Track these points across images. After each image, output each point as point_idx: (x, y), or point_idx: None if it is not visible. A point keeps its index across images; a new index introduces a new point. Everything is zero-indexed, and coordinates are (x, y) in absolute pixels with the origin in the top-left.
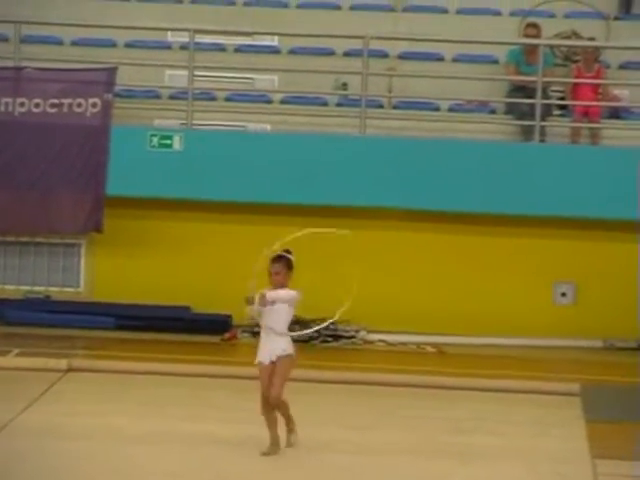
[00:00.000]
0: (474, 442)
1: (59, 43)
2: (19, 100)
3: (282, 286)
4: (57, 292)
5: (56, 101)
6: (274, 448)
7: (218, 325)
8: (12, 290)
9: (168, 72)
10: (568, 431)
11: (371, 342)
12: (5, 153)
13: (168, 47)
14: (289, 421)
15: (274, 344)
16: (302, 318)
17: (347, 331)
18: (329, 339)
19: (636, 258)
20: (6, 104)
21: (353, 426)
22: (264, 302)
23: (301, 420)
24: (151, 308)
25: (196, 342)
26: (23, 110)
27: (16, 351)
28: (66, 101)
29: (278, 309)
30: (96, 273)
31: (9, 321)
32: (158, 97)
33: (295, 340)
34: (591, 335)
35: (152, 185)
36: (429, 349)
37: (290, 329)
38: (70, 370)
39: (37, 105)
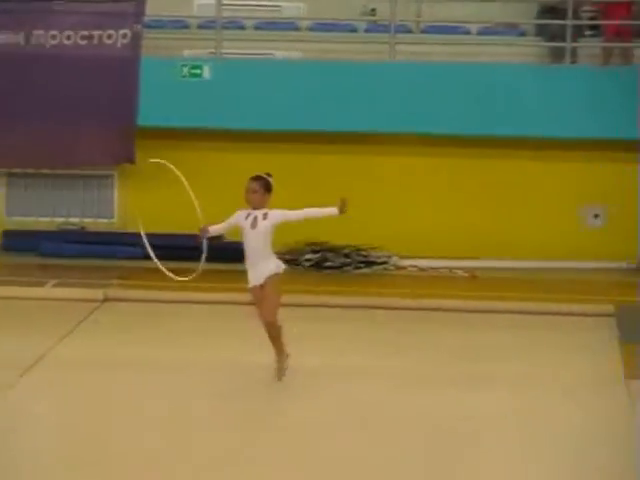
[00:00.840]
0: (507, 368)
1: None
2: (51, 32)
3: (259, 206)
4: (91, 223)
5: (86, 33)
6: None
7: (240, 253)
8: (47, 222)
9: (197, 2)
10: (602, 353)
11: (403, 268)
12: (37, 86)
13: None
14: (279, 351)
15: (261, 267)
16: (334, 245)
17: (379, 257)
18: (361, 265)
19: None
20: (37, 36)
21: (376, 354)
22: (202, 234)
23: (325, 347)
24: (182, 237)
25: (223, 270)
26: (55, 42)
27: (52, 282)
28: (96, 33)
29: (259, 232)
30: (130, 203)
31: (44, 253)
32: (187, 27)
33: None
34: (622, 257)
35: (183, 115)
36: (461, 274)
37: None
38: (106, 300)
39: (68, 37)
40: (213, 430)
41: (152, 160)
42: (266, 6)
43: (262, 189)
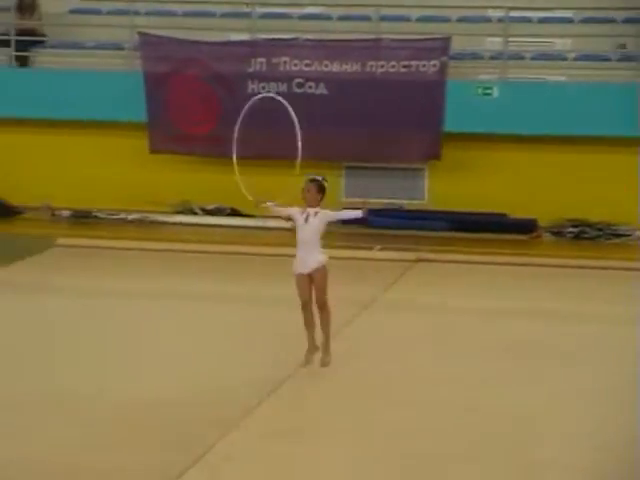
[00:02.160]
0: None
1: (367, 19)
2: (379, 63)
3: (312, 205)
4: (408, 203)
5: (406, 63)
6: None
7: (527, 227)
8: (375, 202)
9: (488, 39)
10: None
11: None
12: (366, 101)
13: (488, 20)
14: (327, 337)
15: (310, 258)
16: (590, 220)
17: (625, 230)
18: (611, 237)
19: None
20: (370, 66)
21: None
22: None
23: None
24: (476, 215)
25: (510, 240)
26: (382, 70)
27: (378, 247)
28: (414, 63)
29: (310, 227)
30: (436, 189)
31: (373, 225)
32: (481, 58)
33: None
34: None
35: (477, 123)
36: None
37: None
38: (418, 260)
39: (393, 67)
40: None
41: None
42: (541, 42)
43: (314, 190)
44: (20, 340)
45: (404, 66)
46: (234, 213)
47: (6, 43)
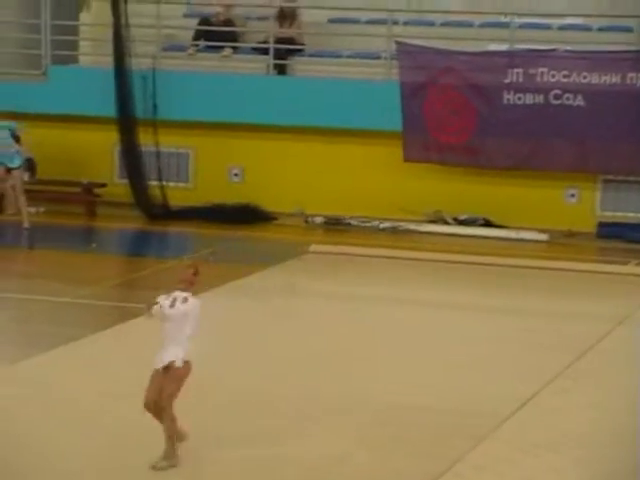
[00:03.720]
0: None
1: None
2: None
3: (191, 289)
4: None
5: None
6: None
7: None
8: (633, 216)
9: None
10: None
11: None
12: (625, 113)
13: None
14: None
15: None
16: None
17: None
18: None
19: None
20: (630, 78)
21: None
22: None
23: None
24: None
25: None
26: None
27: (635, 262)
28: None
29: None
30: None
31: (630, 240)
32: None
33: None
34: None
35: None
36: None
37: None
38: None
39: None
40: None
41: None
42: None
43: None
44: (276, 342)
45: None
46: (487, 224)
47: (265, 51)
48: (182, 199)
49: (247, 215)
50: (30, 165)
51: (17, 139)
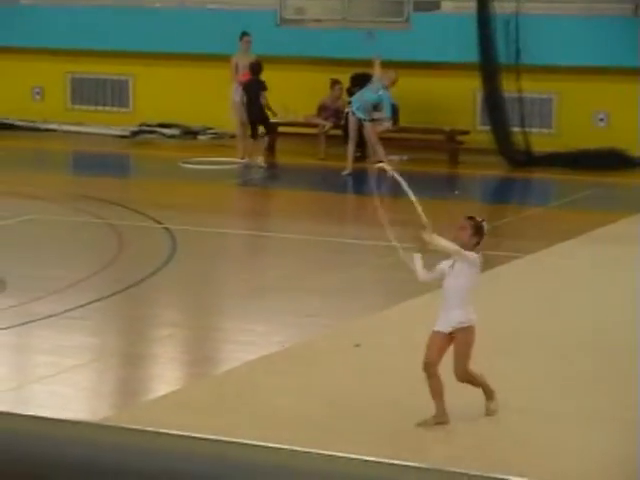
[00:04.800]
0: None
1: None
2: None
3: (463, 246)
4: None
5: None
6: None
7: None
8: None
9: None
10: None
11: None
12: None
13: None
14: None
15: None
16: None
17: None
18: None
19: None
20: None
21: None
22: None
23: None
24: None
25: None
26: None
27: None
28: None
29: (456, 271)
30: None
31: None
32: None
33: None
34: None
35: None
36: None
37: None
38: None
39: None
40: None
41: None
42: None
43: (470, 229)
44: None
45: None
46: None
47: None
48: (545, 145)
49: (612, 161)
50: (393, 113)
51: None
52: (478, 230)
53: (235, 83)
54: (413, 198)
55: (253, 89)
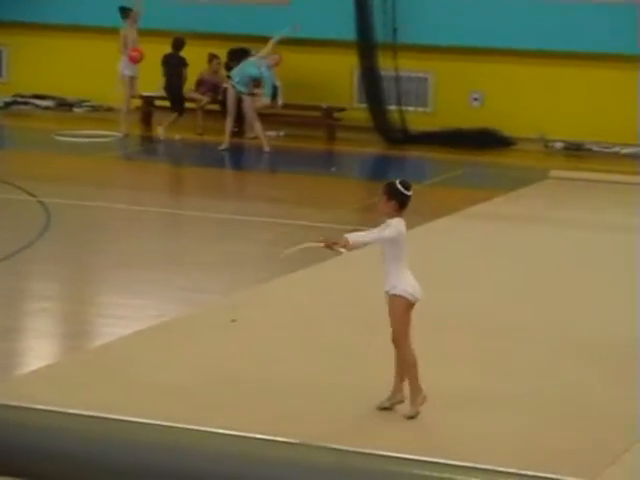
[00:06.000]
0: None
1: None
2: None
3: (386, 215)
4: None
5: None
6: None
7: None
8: None
9: None
10: None
11: None
12: None
13: None
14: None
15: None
16: None
17: None
18: None
19: None
20: None
21: None
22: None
23: None
24: None
25: None
26: None
27: None
28: None
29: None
30: None
31: None
32: None
33: None
34: None
35: None
36: None
37: None
38: None
39: None
40: None
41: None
42: None
43: (384, 196)
44: (514, 269)
45: None
46: None
47: None
48: (421, 123)
49: (487, 140)
50: (274, 94)
51: None
52: (392, 192)
53: (124, 57)
54: (313, 244)
55: (173, 64)
